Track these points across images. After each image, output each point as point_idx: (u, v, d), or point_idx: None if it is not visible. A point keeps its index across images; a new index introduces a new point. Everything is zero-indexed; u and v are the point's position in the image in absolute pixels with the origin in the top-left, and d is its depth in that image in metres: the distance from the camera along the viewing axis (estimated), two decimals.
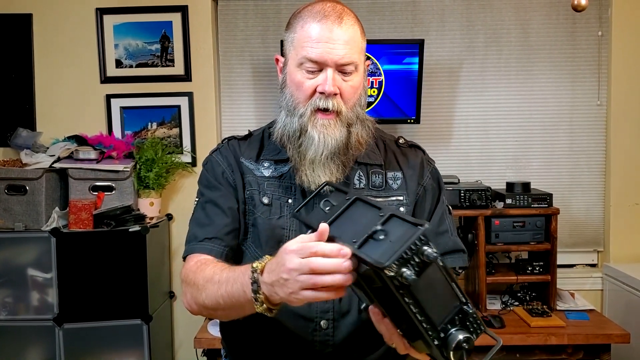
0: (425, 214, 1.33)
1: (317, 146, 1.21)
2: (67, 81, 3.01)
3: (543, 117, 3.07)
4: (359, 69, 1.23)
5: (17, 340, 2.64)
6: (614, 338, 2.48)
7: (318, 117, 1.21)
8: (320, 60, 1.19)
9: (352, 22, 1.22)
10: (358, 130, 1.26)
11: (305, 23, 1.21)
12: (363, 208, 1.00)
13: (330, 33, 1.18)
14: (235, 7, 3.05)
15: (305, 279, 0.91)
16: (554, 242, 2.69)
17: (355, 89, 1.23)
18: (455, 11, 3.04)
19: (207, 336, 2.49)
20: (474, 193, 2.70)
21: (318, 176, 1.22)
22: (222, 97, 3.09)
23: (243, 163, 1.32)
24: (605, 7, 3.01)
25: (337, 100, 1.20)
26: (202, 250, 1.24)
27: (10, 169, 2.68)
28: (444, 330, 0.92)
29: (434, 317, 0.91)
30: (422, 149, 1.40)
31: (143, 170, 2.82)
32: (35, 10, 2.99)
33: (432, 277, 0.90)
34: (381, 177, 1.32)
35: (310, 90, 1.21)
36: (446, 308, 0.93)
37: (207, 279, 1.13)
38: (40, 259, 2.62)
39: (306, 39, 1.20)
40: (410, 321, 0.91)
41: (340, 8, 1.22)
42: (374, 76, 2.82)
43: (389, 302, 0.93)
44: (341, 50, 1.18)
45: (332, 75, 1.19)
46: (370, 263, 0.86)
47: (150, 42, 3.00)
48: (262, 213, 1.28)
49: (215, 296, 1.10)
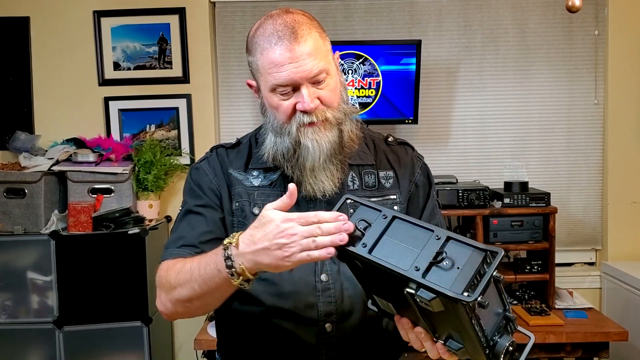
0: (418, 209, 1.34)
1: (314, 153, 1.21)
2: (65, 84, 3.01)
3: (540, 117, 3.08)
4: (331, 71, 1.22)
5: (18, 343, 2.64)
6: (612, 336, 2.49)
7: (306, 128, 1.21)
8: (290, 83, 1.17)
9: (307, 30, 1.17)
10: (349, 127, 1.26)
11: (264, 50, 1.18)
12: (407, 227, 0.96)
13: (291, 52, 1.15)
14: (233, 9, 3.06)
15: (307, 242, 0.96)
16: (552, 241, 2.70)
17: (333, 90, 1.23)
18: (452, 11, 3.05)
19: (207, 337, 2.49)
20: (472, 193, 2.71)
21: (321, 182, 1.23)
22: (220, 99, 3.10)
23: (231, 174, 1.31)
24: (602, 6, 3.02)
25: (319, 110, 1.20)
26: (176, 255, 1.21)
27: (9, 172, 2.68)
28: (492, 339, 0.94)
29: (488, 330, 0.92)
30: (411, 146, 1.41)
31: (142, 173, 2.82)
32: (32, 14, 2.99)
33: (489, 293, 0.91)
34: (374, 177, 1.32)
35: (290, 110, 1.21)
36: (494, 318, 0.94)
37: (178, 271, 1.13)
38: (39, 262, 2.62)
39: (269, 65, 1.17)
40: (466, 335, 0.91)
41: (291, 20, 1.18)
42: (372, 77, 2.83)
43: (438, 319, 0.93)
44: (308, 65, 1.16)
45: (307, 92, 1.18)
46: (453, 297, 0.85)
47: (148, 45, 3.00)
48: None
49: (189, 284, 1.10)
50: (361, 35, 3.03)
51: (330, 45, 1.25)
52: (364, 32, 3.04)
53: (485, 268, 0.87)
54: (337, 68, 1.27)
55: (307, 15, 1.22)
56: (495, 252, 0.88)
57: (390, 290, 0.99)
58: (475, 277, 0.86)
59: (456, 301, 0.85)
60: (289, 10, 1.21)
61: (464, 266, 0.88)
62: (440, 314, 0.90)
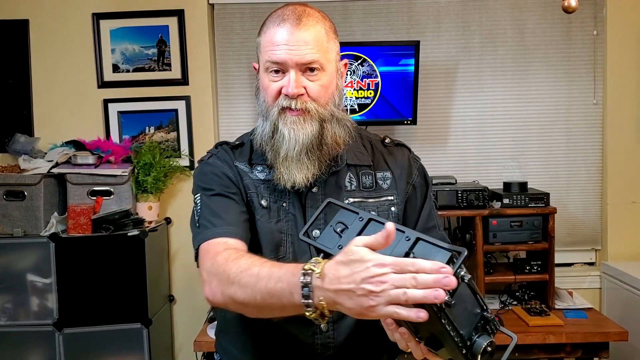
0: (416, 210, 1.34)
1: (288, 142, 1.22)
2: (65, 86, 3.02)
3: (539, 117, 3.08)
4: (327, 68, 1.23)
5: (18, 346, 2.64)
6: (612, 336, 2.48)
7: (287, 114, 1.23)
8: (281, 62, 1.20)
9: (312, 22, 1.22)
10: (334, 128, 1.26)
11: (268, 29, 1.23)
12: (379, 228, 0.95)
13: (290, 35, 1.19)
14: (232, 11, 3.06)
15: (397, 293, 0.85)
16: (552, 241, 2.70)
17: (324, 87, 1.24)
18: (450, 12, 3.05)
19: (206, 339, 2.49)
20: (471, 193, 2.71)
21: (293, 172, 1.23)
22: (220, 101, 3.10)
23: (238, 166, 1.32)
24: (600, 6, 3.02)
25: (303, 99, 1.22)
26: (226, 234, 1.16)
27: (8, 175, 2.68)
28: (470, 339, 0.94)
29: (464, 331, 0.93)
30: (408, 147, 1.41)
31: (141, 175, 2.82)
32: (31, 16, 3.00)
33: (461, 293, 0.92)
34: (371, 178, 1.33)
35: (276, 92, 1.23)
36: (470, 318, 0.95)
37: (242, 269, 1.03)
38: (39, 264, 2.62)
39: (268, 43, 1.22)
40: (441, 335, 0.92)
41: (301, 9, 1.23)
42: (371, 78, 2.83)
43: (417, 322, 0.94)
44: (301, 50, 1.19)
45: (295, 77, 1.20)
46: None
47: (147, 47, 3.00)
48: (261, 216, 1.28)
49: (251, 290, 1.00)
50: (360, 37, 3.03)
51: (336, 47, 1.27)
52: (362, 33, 3.04)
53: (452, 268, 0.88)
54: (337, 71, 1.28)
55: (322, 14, 1.26)
56: (459, 252, 0.89)
57: None
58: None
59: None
60: (307, 4, 1.26)
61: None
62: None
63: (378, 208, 1.30)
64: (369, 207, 1.30)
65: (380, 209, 1.30)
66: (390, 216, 1.31)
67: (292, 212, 1.27)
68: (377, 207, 1.30)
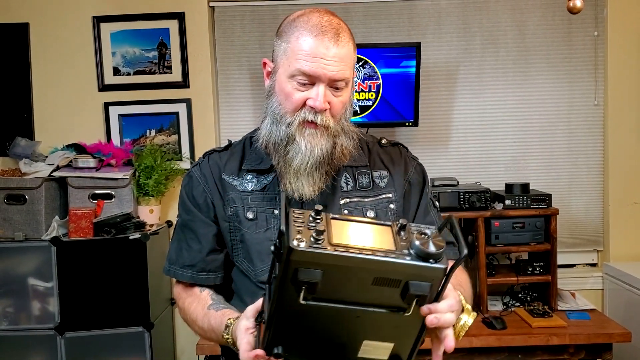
0: (412, 207, 1.35)
1: (303, 155, 1.21)
2: (65, 90, 3.01)
3: (541, 118, 3.07)
4: (349, 84, 1.24)
5: (19, 350, 2.63)
6: (615, 337, 2.48)
7: (306, 127, 1.22)
8: (314, 75, 1.18)
9: (347, 39, 1.21)
10: (342, 142, 1.27)
11: (301, 35, 1.19)
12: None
13: (327, 50, 1.17)
14: (232, 13, 3.06)
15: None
16: (554, 243, 2.69)
17: (343, 104, 1.24)
18: (451, 14, 3.05)
19: (208, 343, 2.48)
20: (473, 195, 2.70)
21: (302, 184, 1.23)
22: (220, 103, 3.10)
23: (224, 179, 1.32)
24: (601, 7, 3.02)
25: (326, 115, 1.21)
26: (184, 278, 1.34)
27: (9, 179, 2.68)
28: (402, 248, 0.90)
29: (384, 247, 0.89)
30: (405, 146, 1.42)
31: (142, 178, 2.82)
32: (32, 20, 3.00)
33: (345, 227, 0.92)
34: (368, 177, 1.33)
35: (300, 102, 1.21)
36: (385, 238, 0.92)
37: (193, 319, 1.31)
38: (40, 268, 2.62)
39: (301, 51, 1.18)
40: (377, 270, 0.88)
41: (337, 23, 1.21)
42: (372, 80, 2.83)
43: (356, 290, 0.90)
44: (335, 67, 1.18)
45: (324, 91, 1.19)
46: (284, 256, 0.86)
47: (147, 50, 3.00)
48: (248, 228, 1.28)
49: (200, 332, 1.31)
50: (361, 39, 3.02)
51: (356, 61, 1.28)
52: (363, 35, 3.04)
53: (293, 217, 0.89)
54: (353, 84, 1.29)
55: (348, 26, 1.25)
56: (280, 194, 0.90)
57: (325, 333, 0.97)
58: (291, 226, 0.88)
59: (289, 253, 0.85)
60: (333, 13, 1.24)
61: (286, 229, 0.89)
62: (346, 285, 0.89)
63: (376, 207, 1.30)
64: (367, 207, 1.29)
65: (378, 207, 1.30)
66: (389, 214, 1.30)
67: None
68: (375, 205, 1.30)
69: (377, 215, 1.29)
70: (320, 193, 1.27)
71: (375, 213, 1.29)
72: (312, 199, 1.24)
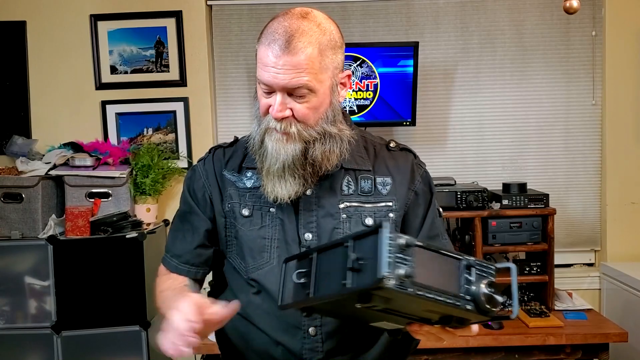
0: (418, 218, 1.32)
1: (270, 157, 1.22)
2: (62, 88, 3.01)
3: (538, 118, 3.07)
4: (317, 89, 1.18)
5: (16, 349, 2.63)
6: (612, 337, 2.48)
7: (273, 132, 1.21)
8: (268, 84, 1.18)
9: (304, 44, 1.14)
10: (325, 146, 1.23)
11: (261, 44, 1.19)
12: (329, 254, 1.01)
13: (276, 59, 1.14)
14: (230, 12, 3.05)
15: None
16: (551, 242, 2.70)
17: (313, 109, 1.20)
18: (449, 13, 3.05)
19: (206, 342, 2.48)
20: (470, 194, 2.70)
21: (276, 189, 1.23)
22: (218, 102, 3.09)
23: (225, 176, 1.32)
24: (599, 7, 3.02)
25: (287, 121, 1.19)
26: (170, 266, 1.37)
27: (6, 177, 2.67)
28: (467, 292, 0.93)
29: (452, 289, 0.92)
30: (413, 152, 1.38)
31: (139, 176, 2.81)
32: (29, 18, 2.99)
33: (423, 259, 0.91)
34: (370, 183, 1.30)
35: (265, 109, 1.22)
36: (453, 274, 0.94)
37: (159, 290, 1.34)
38: (37, 267, 2.61)
39: (260, 60, 1.19)
40: (439, 308, 0.92)
41: (295, 28, 1.15)
42: (369, 79, 2.83)
43: (410, 307, 0.94)
44: (287, 75, 1.15)
45: (280, 99, 1.17)
46: (369, 287, 0.86)
47: (144, 48, 3.00)
48: (242, 225, 1.28)
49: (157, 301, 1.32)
50: (358, 38, 3.02)
51: (336, 62, 1.21)
52: (361, 34, 3.04)
53: (393, 241, 0.88)
54: (333, 87, 1.23)
55: (322, 27, 1.18)
56: (380, 225, 0.89)
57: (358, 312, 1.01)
58: (388, 256, 0.86)
59: (373, 288, 0.86)
60: (306, 14, 1.18)
61: (373, 255, 0.88)
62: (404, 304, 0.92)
63: (375, 214, 1.28)
64: (366, 213, 1.27)
65: (377, 215, 1.28)
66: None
67: (279, 217, 1.26)
68: (375, 212, 1.28)
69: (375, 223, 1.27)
70: (317, 194, 1.26)
71: (373, 221, 1.27)
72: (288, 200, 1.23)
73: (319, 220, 1.26)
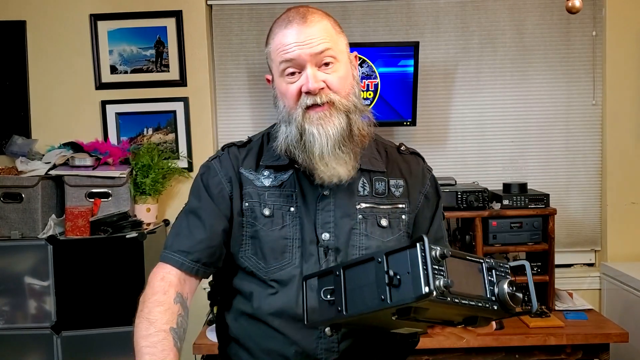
0: (427, 221, 1.35)
1: (320, 139, 1.20)
2: (62, 88, 3.00)
3: (539, 118, 3.07)
4: (341, 59, 1.24)
5: (15, 349, 2.62)
6: (612, 337, 2.48)
7: (311, 113, 1.21)
8: (296, 58, 1.20)
9: (318, 17, 1.23)
10: (358, 120, 1.25)
11: (275, 35, 1.24)
12: (357, 270, 1.02)
13: (298, 33, 1.20)
14: (230, 12, 3.05)
15: None
16: (552, 243, 2.69)
17: (343, 78, 1.23)
18: (449, 13, 3.05)
19: (206, 342, 2.48)
20: (470, 194, 2.70)
21: (333, 167, 1.21)
22: (218, 102, 3.09)
23: (242, 174, 1.31)
24: (599, 7, 3.02)
25: (325, 92, 1.21)
26: (173, 262, 1.24)
27: (5, 177, 2.67)
28: (492, 293, 0.98)
29: (480, 292, 0.96)
30: (422, 157, 1.41)
31: (139, 176, 2.81)
32: (28, 17, 2.98)
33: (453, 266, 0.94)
34: (384, 184, 1.32)
35: (296, 93, 1.22)
36: (478, 277, 0.98)
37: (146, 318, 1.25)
38: (37, 267, 2.61)
39: (279, 46, 1.22)
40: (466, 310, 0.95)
41: (304, 10, 1.24)
42: (370, 79, 2.82)
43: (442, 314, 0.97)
44: (312, 43, 1.20)
45: (312, 72, 1.20)
46: (413, 301, 0.89)
47: (144, 48, 2.99)
48: (264, 225, 1.27)
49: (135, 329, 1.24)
50: (359, 38, 3.02)
51: (345, 40, 1.29)
52: (361, 34, 3.03)
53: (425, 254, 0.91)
54: (350, 62, 1.29)
55: (325, 12, 1.27)
56: (419, 239, 0.92)
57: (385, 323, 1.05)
58: (424, 269, 0.90)
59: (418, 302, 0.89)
60: (309, 7, 1.26)
61: (411, 269, 0.91)
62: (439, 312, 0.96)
63: (389, 215, 1.30)
64: (381, 214, 1.29)
65: (392, 216, 1.30)
66: (400, 224, 1.31)
67: (299, 216, 1.26)
68: (389, 214, 1.30)
69: (390, 224, 1.29)
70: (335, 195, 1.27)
71: (388, 222, 1.28)
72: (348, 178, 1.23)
73: (337, 221, 1.26)
